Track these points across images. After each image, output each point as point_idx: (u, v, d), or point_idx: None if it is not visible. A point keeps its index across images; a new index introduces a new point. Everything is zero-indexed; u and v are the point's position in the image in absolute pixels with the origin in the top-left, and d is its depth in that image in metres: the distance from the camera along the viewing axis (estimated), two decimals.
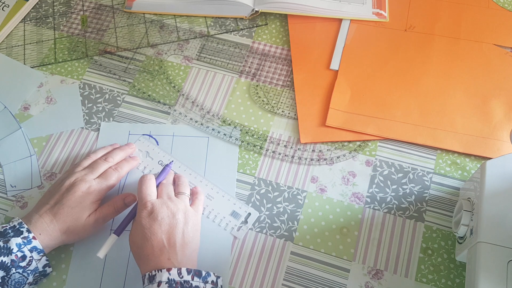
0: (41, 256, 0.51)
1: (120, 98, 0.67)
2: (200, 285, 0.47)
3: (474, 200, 0.51)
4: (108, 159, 0.58)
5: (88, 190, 0.54)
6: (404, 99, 0.65)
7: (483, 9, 0.72)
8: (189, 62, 0.70)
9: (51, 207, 0.53)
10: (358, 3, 0.72)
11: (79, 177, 0.55)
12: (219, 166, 0.61)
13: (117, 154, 0.59)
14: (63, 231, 0.52)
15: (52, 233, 0.52)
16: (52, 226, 0.52)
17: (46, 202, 0.54)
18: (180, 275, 0.46)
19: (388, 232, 0.57)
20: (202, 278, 0.47)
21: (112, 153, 0.59)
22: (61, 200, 0.53)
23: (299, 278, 0.54)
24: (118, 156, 0.59)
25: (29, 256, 0.49)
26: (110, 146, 0.61)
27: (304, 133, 0.63)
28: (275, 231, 0.57)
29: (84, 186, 0.54)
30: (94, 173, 0.56)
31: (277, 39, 0.71)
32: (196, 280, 0.47)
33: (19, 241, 0.49)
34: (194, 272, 0.47)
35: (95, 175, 0.56)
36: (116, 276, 0.55)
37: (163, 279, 0.45)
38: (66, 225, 0.52)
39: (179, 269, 0.47)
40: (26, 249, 0.49)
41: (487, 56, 0.67)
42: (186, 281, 0.46)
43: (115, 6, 0.76)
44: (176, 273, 0.46)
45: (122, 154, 0.60)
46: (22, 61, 0.71)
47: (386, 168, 0.61)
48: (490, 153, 0.60)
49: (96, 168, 0.57)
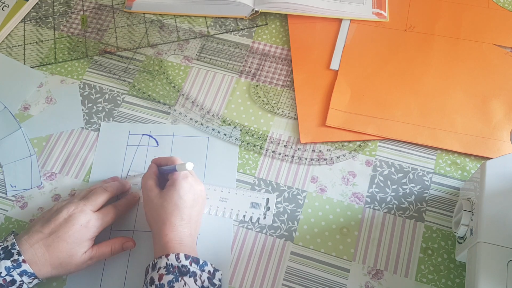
0: (32, 279, 0.48)
1: (120, 98, 0.67)
2: (197, 272, 0.48)
3: (474, 200, 0.51)
4: (108, 188, 0.55)
5: (87, 224, 0.51)
6: (404, 99, 0.65)
7: (483, 9, 0.72)
8: (189, 62, 0.70)
9: (45, 237, 0.49)
10: (358, 3, 0.72)
11: (79, 208, 0.51)
12: (219, 166, 0.61)
13: (115, 184, 0.57)
14: (55, 266, 0.49)
15: (42, 268, 0.48)
16: (43, 259, 0.48)
17: (40, 230, 0.50)
18: (178, 259, 0.47)
19: (388, 232, 0.57)
20: (199, 266, 0.48)
21: (110, 183, 0.57)
22: (57, 231, 0.49)
23: (299, 278, 0.54)
24: (116, 186, 0.57)
25: (19, 281, 0.47)
26: (110, 179, 0.60)
27: (304, 133, 0.63)
28: (275, 231, 0.57)
29: (84, 219, 0.51)
30: (93, 204, 0.53)
31: (277, 39, 0.71)
32: (194, 266, 0.48)
33: (8, 264, 0.47)
34: (192, 258, 0.48)
35: (94, 206, 0.53)
36: (116, 276, 0.55)
37: (162, 265, 0.47)
38: (59, 260, 0.49)
39: (177, 254, 0.47)
40: (15, 273, 0.47)
41: (487, 56, 0.67)
42: (184, 265, 0.47)
43: (115, 6, 0.76)
44: (174, 258, 0.47)
45: (120, 186, 0.57)
46: (22, 61, 0.71)
47: (386, 168, 0.61)
48: (490, 153, 0.60)
49: (95, 198, 0.53)
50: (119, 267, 0.55)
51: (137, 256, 0.56)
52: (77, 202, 0.52)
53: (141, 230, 0.57)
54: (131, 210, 0.58)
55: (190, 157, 0.62)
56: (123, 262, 0.55)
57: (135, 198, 0.58)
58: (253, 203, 0.58)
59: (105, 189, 0.55)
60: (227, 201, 0.58)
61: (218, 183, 0.60)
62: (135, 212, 0.58)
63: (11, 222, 0.59)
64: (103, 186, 0.55)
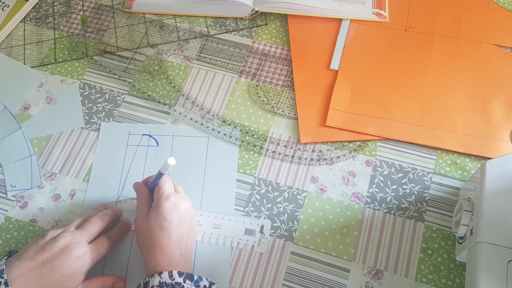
0: None
1: (120, 98, 0.67)
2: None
3: (474, 200, 0.51)
4: (103, 218, 0.54)
5: (83, 257, 0.49)
6: (404, 99, 0.65)
7: (483, 9, 0.72)
8: (189, 62, 0.70)
9: (39, 266, 0.47)
10: (358, 3, 0.72)
11: (75, 239, 0.49)
12: (219, 166, 0.61)
13: (109, 213, 0.55)
14: None
15: None
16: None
17: (33, 258, 0.47)
18: (172, 277, 0.46)
19: (388, 232, 0.57)
20: (194, 282, 0.47)
21: (105, 211, 0.55)
22: (52, 261, 0.47)
23: (299, 278, 0.54)
24: (110, 214, 0.55)
25: None
26: (101, 206, 0.58)
27: (304, 133, 0.63)
28: (275, 231, 0.57)
29: (80, 251, 0.49)
30: (89, 234, 0.51)
31: (277, 39, 0.71)
32: (188, 283, 0.46)
33: None
34: (186, 275, 0.47)
35: (90, 236, 0.51)
36: (119, 262, 0.54)
37: (155, 283, 0.45)
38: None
39: (170, 272, 0.46)
40: None
41: (487, 56, 0.67)
42: (178, 283, 0.46)
43: (115, 6, 0.76)
44: (167, 275, 0.46)
45: (114, 214, 0.56)
46: (22, 61, 0.71)
47: (386, 168, 0.61)
48: (490, 153, 0.60)
49: (91, 227, 0.52)
50: (119, 267, 0.55)
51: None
52: (73, 231, 0.50)
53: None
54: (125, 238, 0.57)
55: (190, 157, 0.62)
56: (123, 262, 0.55)
57: (127, 226, 0.57)
58: (247, 230, 0.57)
59: (100, 218, 0.53)
60: (220, 227, 0.57)
61: (218, 183, 0.60)
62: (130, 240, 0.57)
63: (11, 222, 0.59)
64: (98, 215, 0.54)
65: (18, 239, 0.58)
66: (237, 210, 0.58)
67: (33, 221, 0.59)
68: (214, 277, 0.54)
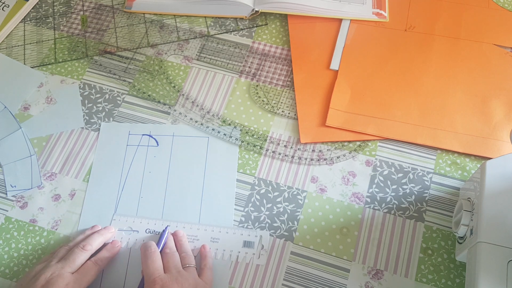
0: None
1: (120, 98, 0.67)
2: None
3: (474, 200, 0.51)
4: (86, 247, 0.52)
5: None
6: (404, 99, 0.65)
7: (483, 9, 0.72)
8: (189, 62, 0.70)
9: None
10: (358, 3, 0.72)
11: (56, 272, 0.48)
12: (219, 166, 0.61)
13: (95, 239, 0.53)
14: None
15: None
16: None
17: None
18: None
19: (388, 232, 0.57)
20: None
21: (90, 239, 0.53)
22: None
23: (299, 278, 0.54)
24: (97, 242, 0.53)
25: None
26: (89, 230, 0.56)
27: (304, 133, 0.63)
28: (275, 231, 0.57)
29: (61, 283, 0.47)
30: (72, 266, 0.50)
31: (277, 39, 0.71)
32: None
33: None
34: None
35: (73, 268, 0.50)
36: (116, 277, 0.55)
37: None
38: None
39: None
40: None
41: (487, 56, 0.67)
42: None
43: (115, 6, 0.76)
44: None
45: (101, 239, 0.54)
46: (22, 61, 0.71)
47: (386, 168, 0.61)
48: (490, 153, 0.60)
49: (73, 259, 0.50)
50: (119, 267, 0.55)
51: None
52: (54, 265, 0.49)
53: None
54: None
55: (190, 157, 0.62)
56: (123, 262, 0.55)
57: (116, 247, 0.55)
58: (245, 242, 0.56)
59: (82, 248, 0.51)
60: (218, 241, 0.56)
61: (218, 183, 0.60)
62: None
63: (11, 222, 0.59)
64: (80, 245, 0.52)
65: (18, 239, 0.58)
66: (237, 210, 0.58)
67: (33, 221, 0.59)
68: (214, 277, 0.54)
